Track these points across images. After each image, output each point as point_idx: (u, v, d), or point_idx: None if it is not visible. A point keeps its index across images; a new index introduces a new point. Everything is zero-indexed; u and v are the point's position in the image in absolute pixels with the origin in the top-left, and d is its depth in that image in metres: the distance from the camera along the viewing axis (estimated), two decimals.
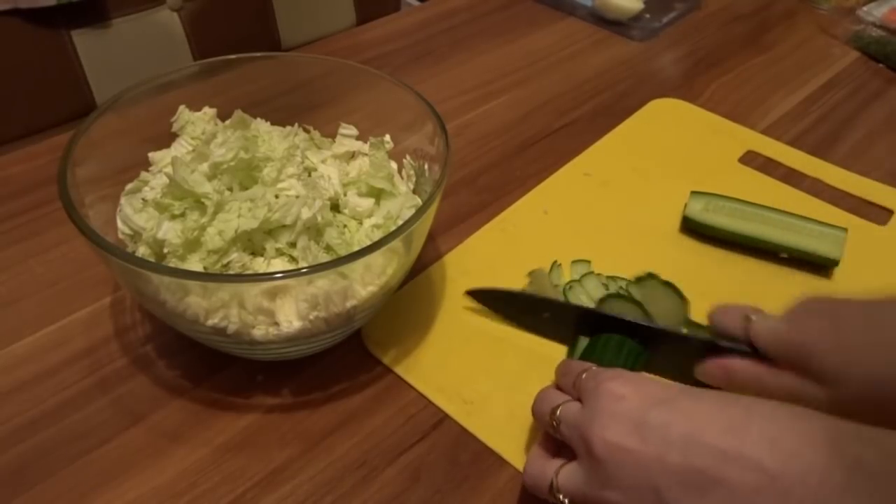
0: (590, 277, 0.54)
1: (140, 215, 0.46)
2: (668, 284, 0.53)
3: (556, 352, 0.50)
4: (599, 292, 0.53)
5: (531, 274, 0.55)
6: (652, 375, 0.37)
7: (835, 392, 0.39)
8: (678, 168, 0.68)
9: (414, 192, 0.52)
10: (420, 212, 0.43)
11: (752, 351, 0.43)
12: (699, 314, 0.50)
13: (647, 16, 0.94)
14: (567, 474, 0.37)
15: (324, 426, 0.46)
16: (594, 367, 0.40)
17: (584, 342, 0.49)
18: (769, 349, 0.42)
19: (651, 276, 0.53)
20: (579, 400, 0.39)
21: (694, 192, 0.61)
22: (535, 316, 0.51)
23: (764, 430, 0.31)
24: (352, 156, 0.55)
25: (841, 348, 0.39)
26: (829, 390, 0.39)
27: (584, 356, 0.47)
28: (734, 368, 0.43)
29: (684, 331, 0.48)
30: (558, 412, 0.38)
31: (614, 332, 0.47)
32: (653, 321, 0.50)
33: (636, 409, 0.34)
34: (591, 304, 0.52)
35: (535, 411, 0.41)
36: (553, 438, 0.40)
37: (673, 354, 0.47)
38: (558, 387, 0.42)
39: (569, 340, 0.51)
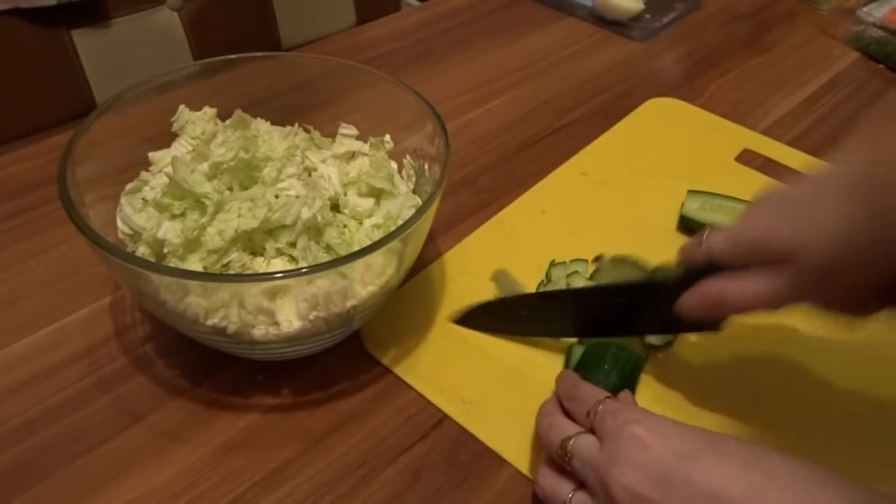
0: (575, 276, 0.55)
1: (140, 215, 0.46)
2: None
3: (554, 350, 0.50)
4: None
5: (494, 279, 0.55)
6: (674, 419, 0.37)
7: (795, 271, 0.38)
8: (675, 167, 0.68)
9: (414, 192, 0.53)
10: (420, 212, 0.43)
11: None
12: None
13: (647, 16, 0.94)
14: None
15: (323, 426, 0.46)
16: (609, 401, 0.39)
17: (578, 351, 0.49)
18: (727, 256, 0.41)
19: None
20: (592, 431, 0.39)
21: (691, 191, 0.61)
22: (516, 318, 0.51)
23: (782, 500, 0.32)
24: (352, 156, 0.55)
25: (789, 226, 0.39)
26: (789, 273, 0.39)
27: (583, 365, 0.47)
28: (706, 291, 0.42)
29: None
30: (570, 445, 0.38)
31: (609, 337, 0.48)
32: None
33: (659, 462, 0.35)
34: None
35: (542, 438, 0.41)
36: None
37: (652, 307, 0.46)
38: (565, 410, 0.42)
39: (556, 334, 0.51)
